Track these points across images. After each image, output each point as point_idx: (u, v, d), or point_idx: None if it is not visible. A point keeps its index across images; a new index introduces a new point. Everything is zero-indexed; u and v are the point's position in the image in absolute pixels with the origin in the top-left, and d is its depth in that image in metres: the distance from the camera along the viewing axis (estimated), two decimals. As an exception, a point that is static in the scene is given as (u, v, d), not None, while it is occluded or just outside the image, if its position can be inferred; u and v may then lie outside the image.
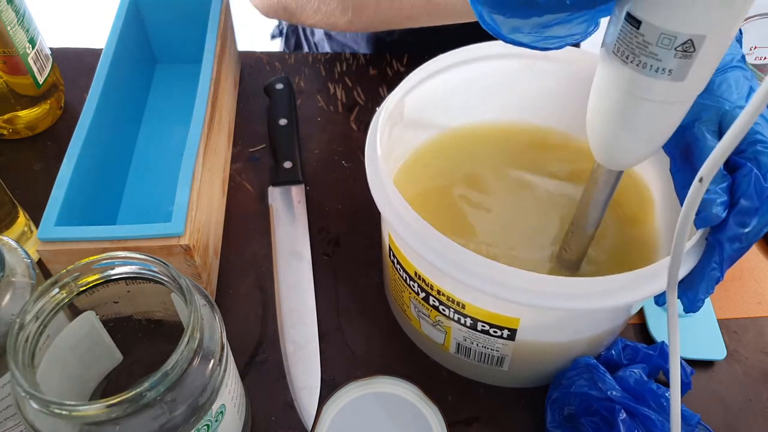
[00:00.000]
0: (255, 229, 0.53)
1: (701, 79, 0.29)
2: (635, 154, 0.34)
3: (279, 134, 0.57)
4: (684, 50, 0.27)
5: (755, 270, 0.52)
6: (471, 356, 0.42)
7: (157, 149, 0.57)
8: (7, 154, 0.57)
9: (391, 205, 0.37)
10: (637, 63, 0.29)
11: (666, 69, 0.28)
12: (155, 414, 0.30)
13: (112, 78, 0.52)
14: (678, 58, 0.28)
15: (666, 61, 0.28)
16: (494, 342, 0.40)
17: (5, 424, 0.36)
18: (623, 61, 0.29)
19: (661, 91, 0.29)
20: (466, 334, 0.40)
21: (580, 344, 0.41)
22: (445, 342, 0.43)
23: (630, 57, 0.29)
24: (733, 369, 0.46)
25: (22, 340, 0.30)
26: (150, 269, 0.33)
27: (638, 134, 0.32)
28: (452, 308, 0.39)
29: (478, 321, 0.38)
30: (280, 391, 0.44)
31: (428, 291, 0.39)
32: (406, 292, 0.42)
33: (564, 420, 0.41)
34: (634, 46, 0.29)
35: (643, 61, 0.29)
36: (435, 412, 0.41)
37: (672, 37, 0.27)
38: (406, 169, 0.48)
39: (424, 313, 0.42)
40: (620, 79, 0.30)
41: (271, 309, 0.48)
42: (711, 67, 0.29)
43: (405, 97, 0.44)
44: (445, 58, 0.45)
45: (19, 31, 0.53)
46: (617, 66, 0.30)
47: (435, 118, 0.49)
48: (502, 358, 0.41)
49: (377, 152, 0.39)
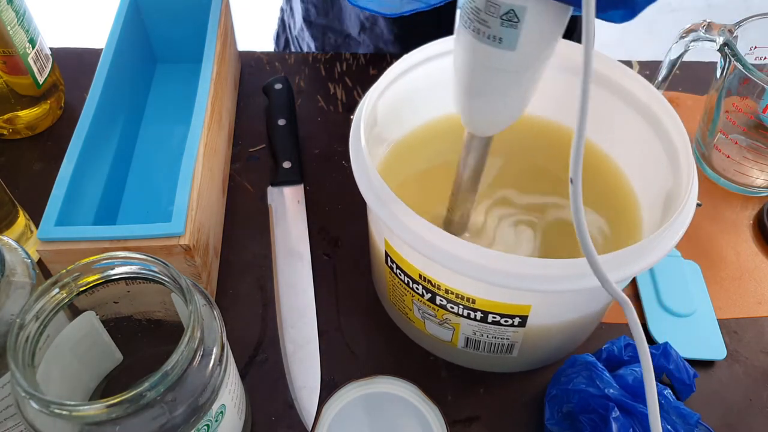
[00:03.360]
0: (255, 229, 0.53)
1: (535, 49, 0.30)
2: (492, 121, 0.35)
3: (278, 134, 0.57)
4: (508, 19, 0.29)
5: (755, 270, 0.52)
6: (480, 348, 0.42)
7: (157, 149, 0.57)
8: (7, 154, 0.57)
9: (395, 215, 0.36)
10: (473, 29, 0.30)
11: (495, 36, 0.30)
12: (155, 414, 0.30)
13: (112, 78, 0.52)
14: (504, 26, 0.29)
15: (494, 29, 0.29)
16: (505, 331, 0.40)
17: (5, 424, 0.36)
18: (464, 26, 0.31)
19: (495, 58, 0.31)
20: (476, 327, 0.40)
21: (585, 319, 0.42)
22: (453, 339, 0.43)
23: (467, 23, 0.31)
24: (733, 369, 0.46)
25: (22, 340, 0.30)
26: (150, 269, 0.33)
27: (487, 101, 0.34)
28: (462, 305, 0.39)
29: (488, 313, 0.38)
30: (280, 391, 0.44)
31: (435, 291, 0.39)
32: (407, 296, 0.42)
33: (562, 417, 0.41)
34: (469, 11, 0.30)
35: (477, 27, 0.30)
36: (435, 412, 0.41)
37: (497, 5, 0.29)
38: (385, 168, 0.48)
39: (430, 314, 0.42)
40: (463, 45, 0.32)
41: (271, 309, 0.48)
42: (543, 39, 0.30)
43: (385, 90, 0.44)
44: (419, 52, 0.45)
45: (19, 31, 0.53)
46: (462, 32, 0.31)
47: (411, 113, 0.49)
48: (512, 345, 0.41)
49: (369, 168, 0.38)
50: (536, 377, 0.46)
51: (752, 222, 0.55)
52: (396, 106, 0.46)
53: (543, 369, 0.46)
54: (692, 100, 0.64)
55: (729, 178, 0.57)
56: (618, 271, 0.34)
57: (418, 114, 0.49)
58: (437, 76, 0.46)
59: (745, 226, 0.55)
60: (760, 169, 0.55)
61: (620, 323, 0.49)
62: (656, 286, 0.50)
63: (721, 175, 0.57)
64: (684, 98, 0.65)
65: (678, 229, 0.37)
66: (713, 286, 0.51)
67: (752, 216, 0.56)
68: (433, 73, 0.46)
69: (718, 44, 0.51)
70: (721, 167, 0.57)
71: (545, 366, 0.46)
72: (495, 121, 0.35)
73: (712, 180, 0.58)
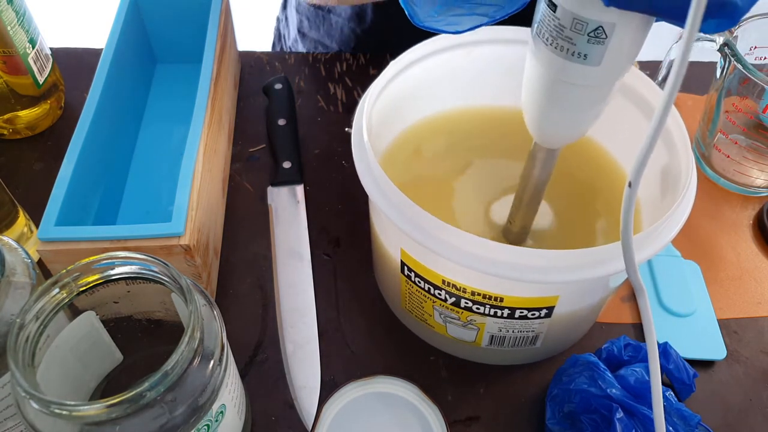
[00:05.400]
0: (255, 229, 0.53)
1: (618, 64, 0.30)
2: (565, 134, 0.35)
3: (278, 134, 0.57)
4: (596, 36, 0.28)
5: (755, 270, 0.52)
6: (505, 344, 0.43)
7: (157, 149, 0.57)
8: (7, 154, 0.57)
9: (419, 225, 0.36)
10: (555, 46, 0.30)
11: (580, 53, 0.29)
12: (155, 414, 0.30)
13: (112, 78, 0.52)
14: (591, 43, 0.29)
15: (580, 46, 0.29)
16: (531, 324, 0.40)
17: (5, 424, 0.36)
18: (544, 44, 0.30)
19: (578, 74, 0.30)
20: (503, 324, 0.40)
21: (603, 299, 0.43)
22: (477, 338, 0.43)
23: (549, 39, 0.30)
24: (734, 369, 0.46)
25: (22, 340, 0.30)
26: (150, 269, 0.33)
27: (563, 115, 0.33)
28: (489, 305, 0.39)
29: (516, 309, 0.39)
30: (280, 391, 0.44)
31: (460, 295, 0.39)
32: (427, 303, 0.42)
33: (563, 417, 0.41)
34: (552, 29, 0.30)
35: (560, 44, 0.30)
36: (435, 412, 0.41)
37: (584, 23, 0.28)
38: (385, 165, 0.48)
39: (452, 317, 0.41)
40: (542, 61, 0.31)
41: (271, 309, 0.48)
42: (628, 53, 0.30)
43: (387, 86, 0.44)
44: (419, 48, 0.45)
45: (19, 31, 0.53)
46: (540, 48, 0.31)
47: (409, 110, 0.49)
48: (537, 336, 0.42)
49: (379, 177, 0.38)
50: (537, 377, 0.46)
51: (752, 222, 0.55)
52: (386, 113, 0.46)
53: (544, 368, 0.46)
54: (692, 100, 0.64)
55: (729, 178, 0.57)
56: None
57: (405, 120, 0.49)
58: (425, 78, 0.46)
59: (745, 226, 0.55)
60: (760, 169, 0.55)
61: (620, 323, 0.49)
62: (656, 286, 0.50)
63: (721, 175, 0.57)
64: (684, 98, 0.65)
65: (679, 218, 0.37)
66: (713, 286, 0.51)
67: (752, 216, 0.56)
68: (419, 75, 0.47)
69: (718, 44, 0.51)
70: (721, 167, 0.57)
71: (552, 358, 0.46)
72: (568, 134, 0.35)
73: (712, 180, 0.58)
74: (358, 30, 0.72)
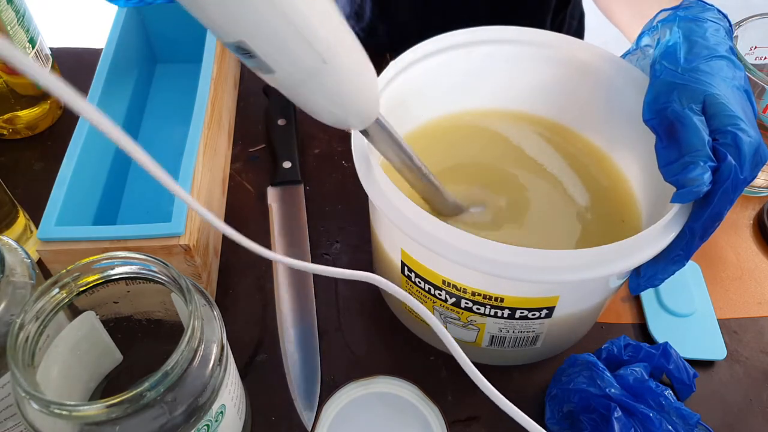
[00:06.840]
0: (255, 229, 0.53)
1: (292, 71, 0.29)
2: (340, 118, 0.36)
3: (278, 134, 0.57)
4: (243, 51, 0.28)
5: (755, 270, 0.52)
6: (505, 344, 0.43)
7: (157, 149, 0.57)
8: (7, 154, 0.57)
9: (419, 226, 0.36)
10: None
11: (256, 66, 0.29)
12: (155, 414, 0.30)
13: (112, 78, 0.52)
14: (246, 58, 0.28)
15: (246, 59, 0.29)
16: (531, 324, 0.40)
17: (5, 424, 0.36)
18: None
19: (273, 80, 0.30)
20: (503, 325, 0.40)
21: (605, 299, 0.42)
22: (477, 339, 0.43)
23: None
24: (733, 369, 0.46)
25: (22, 340, 0.30)
26: (150, 269, 0.33)
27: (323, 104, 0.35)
28: (489, 305, 0.39)
29: (516, 310, 0.39)
30: (280, 391, 0.44)
31: (460, 295, 0.39)
32: (428, 303, 0.42)
33: (563, 417, 0.41)
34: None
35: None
36: (435, 412, 0.41)
37: (227, 43, 0.28)
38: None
39: (453, 317, 0.41)
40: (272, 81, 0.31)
41: (271, 309, 0.48)
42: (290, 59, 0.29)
43: (387, 86, 0.43)
44: (422, 47, 0.46)
45: (19, 31, 0.53)
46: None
47: (412, 111, 0.49)
48: (537, 336, 0.42)
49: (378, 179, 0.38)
50: (537, 377, 0.46)
51: (752, 222, 0.55)
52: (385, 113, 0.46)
53: (543, 368, 0.46)
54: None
55: (729, 178, 0.57)
56: (630, 258, 0.35)
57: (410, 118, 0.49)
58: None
59: (745, 226, 0.55)
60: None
61: (620, 323, 0.49)
62: (656, 286, 0.50)
63: (721, 175, 0.57)
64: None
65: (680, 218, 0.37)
66: (713, 286, 0.51)
67: (752, 216, 0.56)
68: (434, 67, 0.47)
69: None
70: (721, 167, 0.57)
71: (552, 358, 0.46)
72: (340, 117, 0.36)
73: (712, 180, 0.58)
74: (357, 29, 0.72)
